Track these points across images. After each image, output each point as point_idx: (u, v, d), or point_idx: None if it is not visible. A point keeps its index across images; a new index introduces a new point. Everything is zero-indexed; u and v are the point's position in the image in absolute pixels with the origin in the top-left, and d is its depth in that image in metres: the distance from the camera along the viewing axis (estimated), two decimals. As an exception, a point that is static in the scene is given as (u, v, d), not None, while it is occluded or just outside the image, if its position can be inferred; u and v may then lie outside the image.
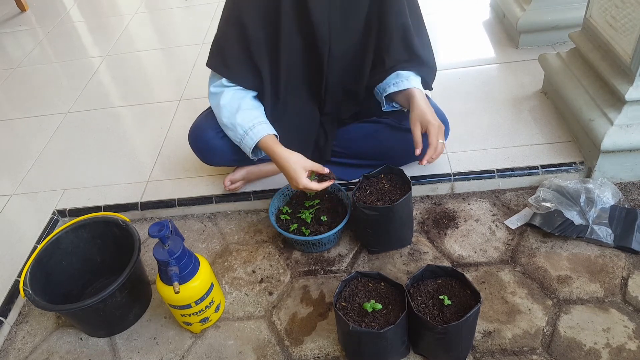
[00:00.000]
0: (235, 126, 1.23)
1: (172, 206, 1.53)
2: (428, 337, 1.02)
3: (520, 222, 1.34)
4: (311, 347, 1.14)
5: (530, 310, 1.14)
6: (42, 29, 2.84)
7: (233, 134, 1.26)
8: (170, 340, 1.21)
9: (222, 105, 1.25)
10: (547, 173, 1.41)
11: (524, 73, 1.79)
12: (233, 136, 1.27)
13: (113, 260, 1.31)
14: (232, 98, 1.26)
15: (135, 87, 2.17)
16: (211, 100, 1.30)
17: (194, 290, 1.10)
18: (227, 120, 1.25)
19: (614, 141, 1.28)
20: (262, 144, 1.23)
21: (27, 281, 1.17)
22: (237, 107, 1.24)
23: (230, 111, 1.24)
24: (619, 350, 1.04)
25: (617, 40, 1.28)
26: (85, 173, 1.71)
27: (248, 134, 1.23)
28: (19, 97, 2.25)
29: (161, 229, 1.02)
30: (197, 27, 2.55)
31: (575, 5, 1.77)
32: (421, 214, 1.42)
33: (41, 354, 1.23)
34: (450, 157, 1.49)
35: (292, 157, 1.22)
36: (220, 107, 1.26)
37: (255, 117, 1.24)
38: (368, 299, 1.05)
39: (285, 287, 1.29)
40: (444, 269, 1.06)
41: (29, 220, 1.55)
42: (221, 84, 1.26)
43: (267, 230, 1.45)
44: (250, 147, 1.24)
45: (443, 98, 1.72)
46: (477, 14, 2.22)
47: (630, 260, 1.21)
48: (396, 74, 1.27)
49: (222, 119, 1.26)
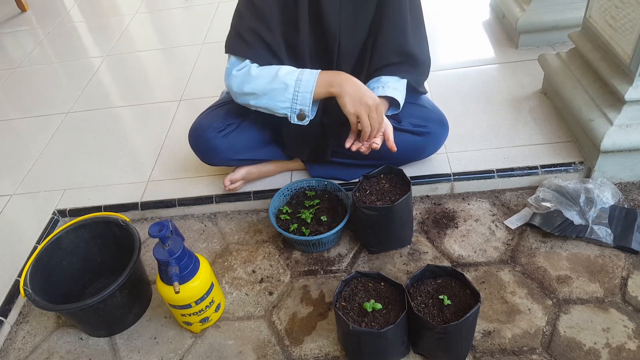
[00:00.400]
0: (285, 80, 1.16)
1: (172, 206, 1.53)
2: (428, 337, 1.02)
3: (520, 222, 1.34)
4: (311, 347, 1.14)
5: (530, 310, 1.14)
6: (43, 29, 2.84)
7: (281, 93, 1.17)
8: (171, 340, 1.21)
9: (253, 75, 1.18)
10: (546, 173, 1.41)
11: (523, 73, 1.80)
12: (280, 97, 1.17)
13: (113, 260, 1.31)
14: (262, 67, 1.21)
15: (135, 87, 2.17)
16: (234, 81, 1.22)
17: (194, 290, 1.10)
18: (268, 84, 1.18)
19: (614, 141, 1.28)
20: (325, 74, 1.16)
21: (27, 281, 1.17)
22: (275, 68, 1.19)
23: (269, 75, 1.18)
24: (619, 350, 1.04)
25: (616, 40, 1.28)
26: (85, 173, 1.71)
27: (303, 77, 1.16)
28: (19, 97, 2.25)
29: (161, 229, 1.02)
30: (197, 27, 2.55)
31: (575, 6, 1.77)
32: (421, 214, 1.42)
33: (41, 354, 1.23)
34: (450, 157, 1.50)
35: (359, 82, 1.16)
36: (254, 77, 1.19)
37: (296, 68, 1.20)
38: (368, 299, 1.05)
39: (285, 287, 1.29)
40: (444, 268, 1.06)
41: (29, 220, 1.55)
42: (245, 64, 1.21)
43: (267, 230, 1.45)
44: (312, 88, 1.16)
45: (443, 98, 1.72)
46: (477, 14, 2.22)
47: (630, 260, 1.22)
48: (378, 78, 1.27)
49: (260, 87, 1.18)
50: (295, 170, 1.55)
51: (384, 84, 1.26)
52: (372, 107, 1.15)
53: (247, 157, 1.43)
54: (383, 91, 1.25)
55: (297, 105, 1.19)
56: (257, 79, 1.19)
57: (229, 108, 1.40)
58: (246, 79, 1.20)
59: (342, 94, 1.15)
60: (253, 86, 1.19)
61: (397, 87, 1.27)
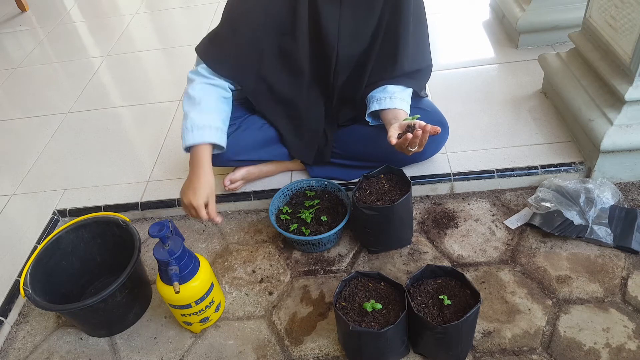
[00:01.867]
0: (187, 117, 1.23)
1: (172, 206, 1.53)
2: (428, 336, 1.02)
3: (519, 222, 1.34)
4: (311, 347, 1.14)
5: (529, 310, 1.14)
6: (43, 29, 2.84)
7: (184, 122, 1.24)
8: (171, 340, 1.21)
9: (189, 93, 1.25)
10: (546, 173, 1.41)
11: (523, 73, 1.80)
12: (183, 123, 1.24)
13: (113, 260, 1.31)
14: (201, 90, 1.25)
15: (135, 87, 2.17)
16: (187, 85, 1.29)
17: (194, 290, 1.10)
18: (186, 107, 1.25)
19: (614, 141, 1.28)
20: (197, 149, 1.22)
21: (27, 281, 1.17)
22: (199, 101, 1.24)
23: (192, 102, 1.24)
24: (619, 350, 1.04)
25: (616, 40, 1.28)
26: (85, 173, 1.71)
27: (193, 131, 1.22)
28: (19, 97, 2.25)
29: (161, 229, 1.02)
30: (197, 27, 2.55)
31: (575, 6, 1.77)
32: (421, 214, 1.42)
33: (41, 354, 1.23)
34: (450, 157, 1.50)
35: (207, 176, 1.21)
36: (188, 94, 1.25)
37: (209, 119, 1.24)
38: (368, 299, 1.05)
39: (285, 287, 1.29)
40: (444, 268, 1.06)
41: (29, 220, 1.55)
42: (197, 72, 1.26)
43: (267, 230, 1.45)
44: (186, 144, 1.22)
45: (443, 98, 1.72)
46: (477, 14, 2.22)
47: (629, 260, 1.22)
48: (383, 87, 1.27)
49: (184, 105, 1.26)
50: (295, 170, 1.55)
51: (390, 95, 1.26)
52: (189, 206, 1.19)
53: (247, 157, 1.43)
54: (391, 102, 1.25)
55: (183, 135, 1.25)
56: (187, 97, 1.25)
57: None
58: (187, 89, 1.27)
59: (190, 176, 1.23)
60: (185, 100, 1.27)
61: (404, 97, 1.28)
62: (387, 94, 1.27)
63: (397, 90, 1.27)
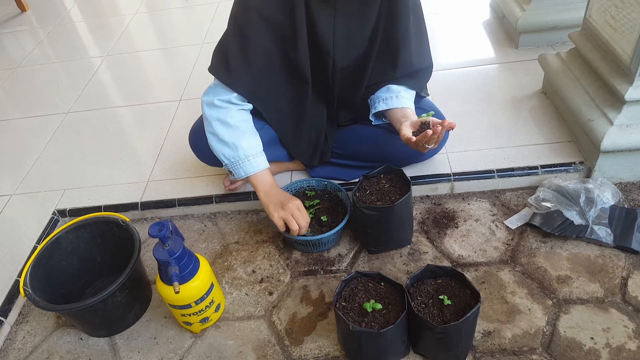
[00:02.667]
0: (238, 148, 1.24)
1: (172, 206, 1.53)
2: (428, 337, 1.02)
3: (520, 222, 1.34)
4: (311, 347, 1.14)
5: (530, 310, 1.14)
6: (43, 29, 2.84)
7: (230, 152, 1.25)
8: (170, 340, 1.21)
9: (229, 122, 1.24)
10: (546, 173, 1.41)
11: (523, 73, 1.80)
12: (228, 153, 1.26)
13: (113, 260, 1.31)
14: (240, 119, 1.26)
15: (135, 87, 2.17)
16: (211, 110, 1.26)
17: (194, 290, 1.10)
18: (229, 138, 1.24)
19: (614, 141, 1.28)
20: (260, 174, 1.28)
21: (27, 281, 1.17)
22: (244, 130, 1.26)
23: (236, 132, 1.25)
24: (619, 350, 1.04)
25: (616, 40, 1.28)
26: (85, 173, 1.71)
27: (249, 160, 1.26)
28: (19, 97, 2.25)
29: (161, 229, 1.02)
30: (197, 27, 2.55)
31: (575, 6, 1.77)
32: (421, 214, 1.42)
33: (41, 354, 1.23)
34: (450, 157, 1.50)
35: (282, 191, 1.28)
36: (226, 123, 1.24)
37: (258, 146, 1.28)
38: (368, 299, 1.05)
39: (285, 287, 1.29)
40: (444, 269, 1.06)
41: (29, 220, 1.55)
42: (229, 100, 1.24)
43: (267, 230, 1.45)
44: (247, 173, 1.27)
45: (443, 98, 1.72)
46: (477, 14, 2.22)
47: (630, 260, 1.22)
48: (387, 87, 1.28)
49: (223, 134, 1.25)
50: (295, 170, 1.55)
51: (396, 94, 1.27)
52: (293, 208, 1.23)
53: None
54: (398, 101, 1.26)
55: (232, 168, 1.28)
56: (227, 128, 1.25)
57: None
58: (223, 118, 1.25)
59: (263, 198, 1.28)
60: (220, 129, 1.25)
61: (408, 96, 1.29)
62: (392, 93, 1.27)
63: (402, 89, 1.28)
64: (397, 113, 1.26)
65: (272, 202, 1.26)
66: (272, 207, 1.25)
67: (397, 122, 1.25)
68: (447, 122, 1.10)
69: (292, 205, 1.23)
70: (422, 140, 1.12)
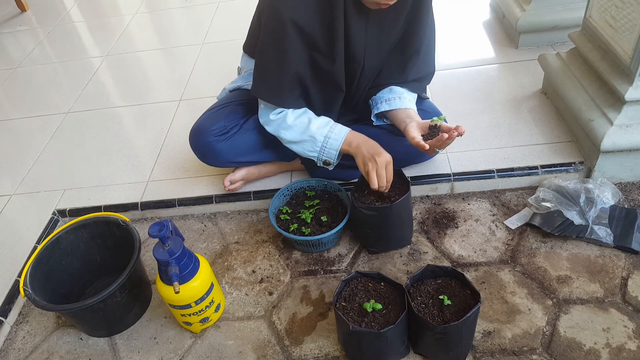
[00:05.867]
0: (314, 135, 1.24)
1: (172, 206, 1.53)
2: (428, 337, 1.02)
3: (520, 222, 1.34)
4: (311, 347, 1.14)
5: (530, 310, 1.14)
6: (43, 29, 2.84)
7: (310, 145, 1.25)
8: (170, 340, 1.21)
9: (290, 124, 1.25)
10: (546, 173, 1.41)
11: (523, 73, 1.80)
12: (310, 147, 1.26)
13: (113, 260, 1.31)
14: (297, 116, 1.26)
15: (135, 87, 2.17)
16: (271, 126, 1.29)
17: (194, 290, 1.10)
18: (300, 135, 1.25)
19: (614, 141, 1.28)
20: (350, 136, 1.23)
21: (27, 281, 1.17)
22: (307, 120, 1.25)
23: (301, 127, 1.25)
24: (619, 350, 1.04)
25: (616, 40, 1.28)
26: (85, 173, 1.71)
27: (330, 137, 1.24)
28: (19, 97, 2.25)
29: (161, 229, 1.02)
30: (197, 27, 2.55)
31: (575, 6, 1.77)
32: (421, 214, 1.42)
33: (41, 354, 1.23)
34: (450, 157, 1.50)
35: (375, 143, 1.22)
36: (288, 127, 1.25)
37: (326, 121, 1.26)
38: (368, 299, 1.05)
39: (285, 287, 1.29)
40: (444, 269, 1.06)
41: (29, 220, 1.55)
42: (279, 110, 1.26)
43: (267, 230, 1.45)
44: (336, 148, 1.24)
45: (443, 98, 1.72)
46: (477, 14, 2.22)
47: (630, 260, 1.22)
48: (389, 89, 1.29)
49: (293, 136, 1.26)
50: (295, 170, 1.55)
51: (399, 95, 1.28)
52: (381, 164, 1.18)
53: (247, 159, 1.43)
54: (401, 102, 1.27)
55: (323, 156, 1.28)
56: (291, 129, 1.26)
57: (230, 110, 1.40)
58: (282, 125, 1.27)
59: (357, 154, 1.22)
60: (287, 134, 1.27)
61: (411, 98, 1.30)
62: (395, 94, 1.28)
63: (404, 90, 1.29)
64: (401, 114, 1.26)
65: (362, 154, 1.21)
66: (361, 158, 1.21)
67: (401, 122, 1.25)
68: (460, 128, 1.13)
69: (380, 161, 1.17)
70: (436, 145, 1.15)
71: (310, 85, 1.24)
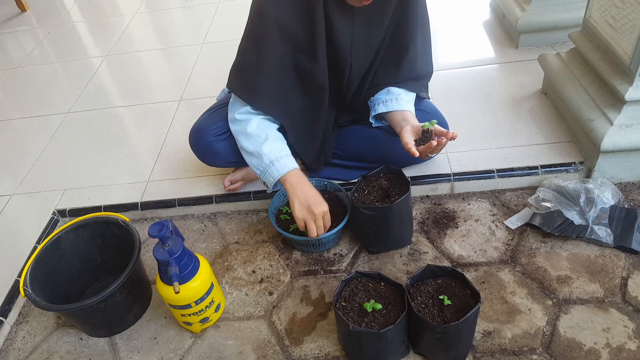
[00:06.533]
0: (262, 155, 1.23)
1: (172, 206, 1.53)
2: (428, 337, 1.02)
3: (520, 222, 1.34)
4: (311, 347, 1.14)
5: (530, 310, 1.14)
6: (43, 29, 2.84)
7: (257, 162, 1.25)
8: (170, 340, 1.21)
9: (249, 132, 1.24)
10: (547, 173, 1.41)
11: (523, 73, 1.80)
12: (256, 163, 1.25)
13: (113, 260, 1.31)
14: (259, 127, 1.24)
15: (135, 87, 2.17)
16: (234, 126, 1.28)
17: (194, 290, 1.10)
18: (253, 148, 1.24)
19: (614, 141, 1.28)
20: (288, 176, 1.22)
21: (27, 281, 1.17)
22: (264, 137, 1.24)
23: (257, 140, 1.24)
24: (619, 350, 1.04)
25: (617, 40, 1.28)
26: (85, 173, 1.71)
27: (274, 164, 1.22)
28: (19, 97, 2.25)
29: (161, 229, 1.02)
30: (197, 27, 2.55)
31: (575, 6, 1.77)
32: (421, 214, 1.42)
33: (41, 354, 1.23)
34: (450, 157, 1.50)
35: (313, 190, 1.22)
36: (246, 134, 1.24)
37: (281, 149, 1.25)
38: (368, 299, 1.05)
39: (285, 287, 1.29)
40: (444, 269, 1.06)
41: (29, 220, 1.55)
42: (247, 111, 1.25)
43: (267, 230, 1.45)
44: (275, 178, 1.23)
45: (443, 98, 1.72)
46: (477, 14, 2.22)
47: (630, 260, 1.22)
48: (387, 90, 1.29)
49: (247, 146, 1.25)
50: (295, 170, 1.55)
51: (396, 96, 1.28)
52: (318, 215, 1.18)
53: (247, 158, 1.42)
54: (398, 104, 1.27)
55: (263, 178, 1.27)
56: (248, 138, 1.25)
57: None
58: (242, 130, 1.26)
59: (292, 197, 1.21)
60: (244, 140, 1.26)
61: (409, 99, 1.30)
62: (392, 95, 1.27)
63: (402, 92, 1.29)
64: (397, 116, 1.26)
65: (299, 200, 1.20)
66: (298, 205, 1.20)
67: (397, 125, 1.25)
68: (450, 133, 1.13)
69: (318, 212, 1.19)
70: (426, 151, 1.15)
71: (291, 85, 1.23)
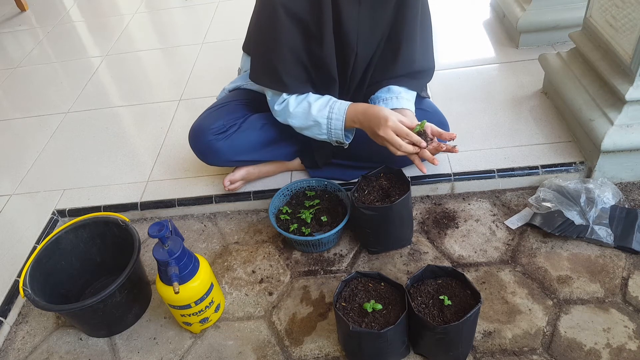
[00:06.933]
0: (317, 119, 1.22)
1: (172, 206, 1.53)
2: (428, 337, 1.02)
3: (520, 222, 1.34)
4: (311, 347, 1.14)
5: (530, 310, 1.14)
6: (42, 29, 2.84)
7: (317, 129, 1.24)
8: (170, 340, 1.21)
9: (292, 113, 1.24)
10: (547, 173, 1.41)
11: (524, 73, 1.79)
12: (317, 131, 1.24)
13: (113, 260, 1.31)
14: (297, 102, 1.25)
15: (135, 87, 2.17)
16: (279, 117, 1.29)
17: (194, 290, 1.10)
18: (305, 121, 1.24)
19: (614, 141, 1.27)
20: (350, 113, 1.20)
21: (26, 281, 1.17)
22: (307, 105, 1.24)
23: (303, 112, 1.24)
24: (619, 350, 1.04)
25: (617, 40, 1.28)
26: (85, 173, 1.70)
27: (332, 117, 1.21)
28: (18, 97, 2.25)
29: (161, 229, 1.02)
30: (197, 27, 2.55)
31: (575, 5, 1.77)
32: (421, 214, 1.42)
33: (41, 354, 1.23)
34: (450, 157, 1.49)
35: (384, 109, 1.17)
36: (292, 115, 1.25)
37: (326, 102, 1.23)
38: (368, 299, 1.05)
39: (285, 287, 1.29)
40: (444, 269, 1.06)
41: (29, 220, 1.54)
42: (282, 99, 1.26)
43: (267, 230, 1.45)
44: (341, 126, 1.21)
45: (443, 98, 1.72)
46: (477, 14, 2.22)
47: (630, 261, 1.21)
48: (387, 88, 1.28)
49: (300, 124, 1.25)
50: (295, 170, 1.55)
51: (397, 94, 1.27)
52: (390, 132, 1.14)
53: (247, 158, 1.42)
54: (398, 102, 1.26)
55: (332, 138, 1.26)
56: (295, 116, 1.25)
57: (229, 108, 1.39)
58: (287, 114, 1.26)
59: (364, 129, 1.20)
60: (294, 122, 1.27)
61: (409, 97, 1.29)
62: (392, 94, 1.27)
63: (402, 90, 1.28)
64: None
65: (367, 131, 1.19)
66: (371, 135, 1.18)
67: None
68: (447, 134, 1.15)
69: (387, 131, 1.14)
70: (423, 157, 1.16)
71: (310, 70, 1.23)
